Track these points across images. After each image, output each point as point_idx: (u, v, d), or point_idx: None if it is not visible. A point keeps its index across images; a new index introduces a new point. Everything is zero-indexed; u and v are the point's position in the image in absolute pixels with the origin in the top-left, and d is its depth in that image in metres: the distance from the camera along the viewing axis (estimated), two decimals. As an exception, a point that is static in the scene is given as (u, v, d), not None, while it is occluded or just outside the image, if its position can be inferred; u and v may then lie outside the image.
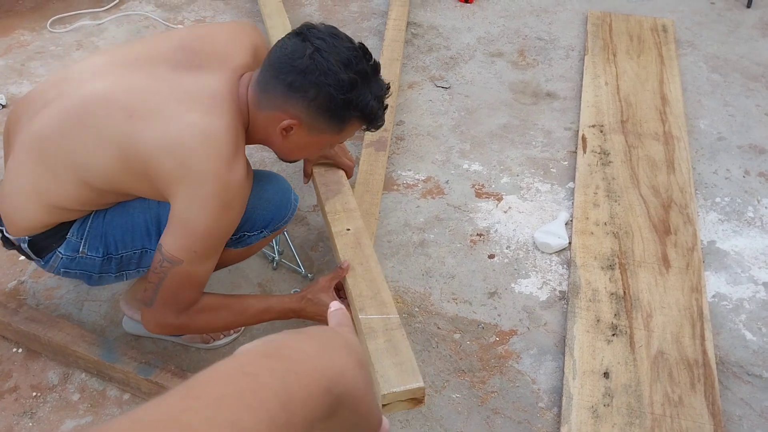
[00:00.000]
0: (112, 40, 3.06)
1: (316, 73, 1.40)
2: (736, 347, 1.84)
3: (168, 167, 1.37)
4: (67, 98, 1.45)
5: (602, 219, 2.17)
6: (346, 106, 1.45)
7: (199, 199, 1.37)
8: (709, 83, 2.89)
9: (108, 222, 1.53)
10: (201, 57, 1.50)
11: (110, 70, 1.49)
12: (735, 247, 2.14)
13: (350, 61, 1.42)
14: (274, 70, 1.43)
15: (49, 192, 1.46)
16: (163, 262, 1.42)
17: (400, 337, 1.47)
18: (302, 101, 1.43)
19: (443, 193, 2.33)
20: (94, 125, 1.40)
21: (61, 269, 1.57)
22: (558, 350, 1.84)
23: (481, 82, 2.88)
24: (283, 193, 1.63)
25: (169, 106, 1.40)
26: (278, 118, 1.46)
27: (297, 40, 1.43)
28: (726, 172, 2.43)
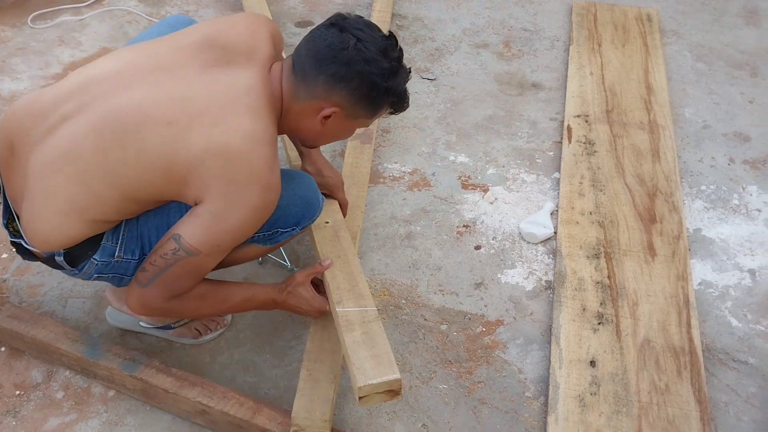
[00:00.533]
0: (94, 36, 3.03)
1: (361, 63, 1.45)
2: (721, 334, 1.85)
3: (212, 171, 1.38)
4: (92, 111, 1.42)
5: (587, 208, 2.17)
6: (386, 93, 1.51)
7: (240, 200, 1.40)
8: (694, 72, 2.89)
9: (143, 224, 1.52)
10: (228, 52, 1.50)
11: (139, 79, 1.46)
12: (720, 235, 2.14)
13: (387, 50, 1.49)
14: (315, 61, 1.47)
15: (89, 208, 1.44)
16: (178, 251, 1.42)
17: (377, 329, 1.47)
18: (346, 90, 1.48)
19: (429, 185, 2.33)
20: (132, 139, 1.39)
21: (95, 275, 1.56)
22: (544, 340, 1.84)
23: (466, 74, 2.87)
24: (313, 191, 1.67)
25: (210, 110, 1.40)
26: (318, 107, 1.51)
27: (335, 31, 1.47)
28: (711, 160, 2.44)
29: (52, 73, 2.79)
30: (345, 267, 1.63)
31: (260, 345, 1.81)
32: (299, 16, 3.21)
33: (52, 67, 2.83)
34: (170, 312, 1.56)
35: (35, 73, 2.79)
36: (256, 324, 1.86)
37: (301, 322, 1.86)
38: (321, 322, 1.68)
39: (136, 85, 1.44)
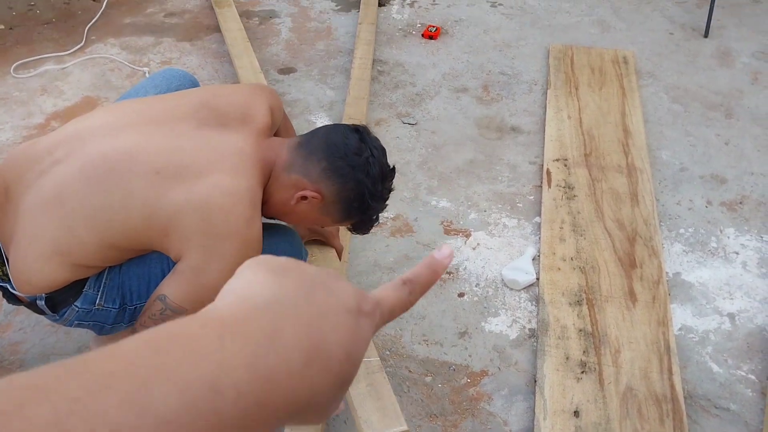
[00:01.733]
0: (77, 84, 3.05)
1: (363, 173, 1.53)
2: (703, 380, 1.87)
3: (191, 224, 1.40)
4: (81, 155, 1.45)
5: (569, 254, 2.20)
6: (365, 210, 1.59)
7: (217, 254, 1.41)
8: (670, 113, 2.95)
9: (124, 273, 1.54)
10: (223, 115, 1.55)
11: (130, 127, 1.49)
12: (700, 279, 2.17)
13: (387, 177, 1.60)
14: (327, 149, 1.53)
15: (71, 252, 1.44)
16: (165, 311, 1.44)
17: (382, 380, 1.49)
18: (336, 186, 1.53)
19: (412, 231, 2.35)
20: (118, 183, 1.41)
21: (75, 321, 1.56)
22: (529, 390, 1.84)
23: (447, 118, 2.91)
24: (295, 246, 1.69)
25: (196, 164, 1.43)
26: (302, 186, 1.53)
27: (357, 137, 1.56)
28: (689, 203, 2.48)
29: (35, 123, 2.80)
30: None
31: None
32: (282, 63, 3.25)
33: (34, 117, 2.83)
34: None
35: (18, 123, 2.80)
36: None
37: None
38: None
39: (127, 134, 1.48)
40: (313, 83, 3.11)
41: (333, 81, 3.13)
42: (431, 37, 3.45)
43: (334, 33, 3.51)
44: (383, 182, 1.58)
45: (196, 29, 3.51)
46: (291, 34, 3.50)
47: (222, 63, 3.20)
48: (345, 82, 3.06)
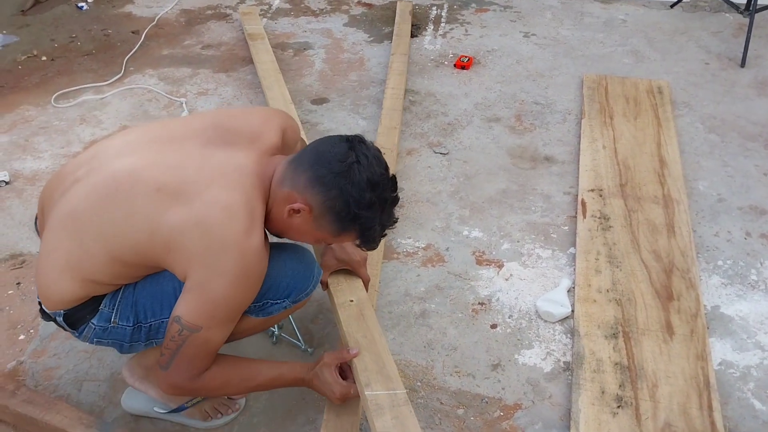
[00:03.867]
0: (115, 114, 3.11)
1: (346, 180, 1.49)
2: (745, 417, 1.80)
3: (191, 241, 1.43)
4: (96, 174, 1.52)
5: (604, 286, 2.16)
6: (353, 219, 1.52)
7: (218, 268, 1.43)
8: (707, 144, 2.91)
9: (138, 291, 1.58)
10: (232, 134, 1.59)
11: (140, 146, 1.56)
12: (739, 312, 2.11)
13: (377, 185, 1.52)
14: (313, 159, 1.52)
15: (81, 267, 1.50)
16: (182, 331, 1.46)
17: (408, 413, 1.46)
18: (321, 196, 1.51)
19: (444, 261, 2.33)
20: (123, 200, 1.47)
21: (94, 339, 1.61)
22: (563, 424, 1.80)
23: (479, 148, 2.90)
24: (306, 264, 1.68)
25: (196, 181, 1.47)
26: (292, 198, 1.53)
27: (345, 146, 1.52)
28: (727, 234, 2.42)
29: (73, 151, 2.86)
30: (372, 347, 1.62)
31: (274, 430, 1.79)
32: (315, 94, 3.28)
33: (73, 146, 2.89)
34: (198, 391, 1.60)
35: (57, 151, 2.86)
36: (270, 408, 1.84)
37: (315, 406, 1.84)
38: (335, 409, 1.66)
39: (136, 153, 1.55)
40: (346, 113, 3.13)
41: (365, 111, 3.15)
42: (463, 67, 3.46)
43: (367, 64, 3.54)
44: (373, 190, 1.50)
45: (231, 61, 3.57)
46: (324, 65, 3.54)
47: (257, 94, 3.24)
48: (377, 112, 3.07)
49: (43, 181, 2.66)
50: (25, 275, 2.25)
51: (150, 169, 1.49)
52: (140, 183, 1.47)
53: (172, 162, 1.51)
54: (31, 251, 2.35)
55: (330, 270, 1.89)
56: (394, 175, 1.59)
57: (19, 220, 2.49)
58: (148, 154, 1.54)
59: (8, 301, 2.17)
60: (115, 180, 1.49)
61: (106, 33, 3.86)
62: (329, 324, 2.08)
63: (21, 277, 2.25)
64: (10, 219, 2.50)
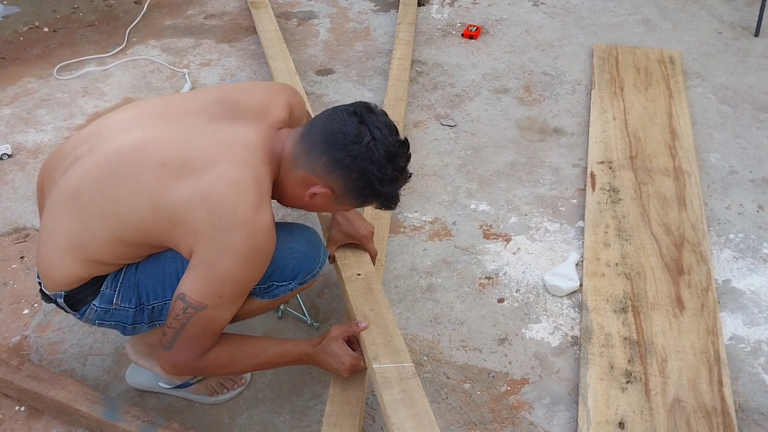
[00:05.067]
0: (118, 86, 3.07)
1: (366, 162, 1.47)
2: (755, 393, 1.78)
3: (198, 217, 1.40)
4: (99, 151, 1.48)
5: (613, 259, 2.13)
6: (378, 195, 1.53)
7: (227, 245, 1.40)
8: (719, 115, 2.85)
9: (140, 272, 1.54)
10: (238, 109, 1.54)
11: (144, 121, 1.52)
12: (751, 286, 2.08)
13: (395, 156, 1.50)
14: (325, 141, 1.48)
15: (84, 247, 1.47)
16: (187, 309, 1.43)
17: (415, 386, 1.45)
18: (342, 179, 1.49)
19: (450, 235, 2.30)
20: (127, 177, 1.43)
21: (96, 321, 1.59)
22: (571, 399, 1.78)
23: (487, 120, 2.86)
24: (313, 245, 1.65)
25: (203, 157, 1.43)
26: (311, 182, 1.51)
27: (355, 120, 1.48)
28: (739, 207, 2.38)
29: (76, 124, 2.82)
30: (379, 321, 1.61)
31: (279, 405, 1.78)
32: (320, 65, 3.23)
33: (75, 118, 2.86)
34: (202, 370, 1.57)
35: (59, 124, 2.83)
36: (276, 383, 1.83)
37: (321, 381, 1.82)
38: (341, 383, 1.64)
39: (140, 128, 1.50)
40: (351, 84, 3.09)
41: (371, 82, 3.10)
42: (471, 37, 3.39)
43: (373, 33, 3.49)
44: (392, 163, 1.50)
45: (235, 31, 3.52)
46: (329, 35, 3.48)
47: (260, 64, 3.19)
48: (383, 84, 3.03)
49: (45, 154, 2.64)
50: (28, 249, 2.24)
51: (155, 144, 1.45)
52: (144, 158, 1.43)
53: (178, 137, 1.47)
54: (35, 225, 2.33)
55: (337, 244, 1.87)
56: (406, 138, 1.56)
57: (22, 194, 2.47)
58: (152, 129, 1.49)
59: (12, 275, 2.16)
60: (118, 157, 1.45)
61: (108, 3, 3.81)
62: (335, 298, 2.06)
63: (25, 251, 2.23)
64: (13, 192, 2.48)
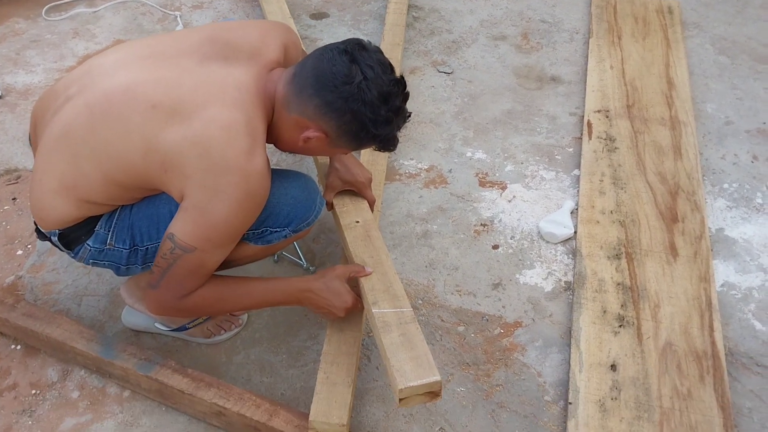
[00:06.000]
0: (108, 28, 3.01)
1: (358, 102, 1.42)
2: (745, 338, 1.81)
3: (189, 160, 1.38)
4: (90, 92, 1.45)
5: (608, 207, 2.14)
6: (373, 138, 1.49)
7: (218, 190, 1.38)
8: (716, 66, 2.84)
9: (135, 214, 1.54)
10: (230, 49, 1.50)
11: (135, 62, 1.49)
12: (743, 235, 2.10)
13: (390, 96, 1.44)
14: (316, 82, 1.44)
15: (76, 187, 1.46)
16: (175, 249, 1.42)
17: (415, 330, 1.45)
18: (335, 121, 1.45)
19: (446, 183, 2.30)
20: (117, 119, 1.41)
21: (90, 260, 1.59)
22: (564, 342, 1.81)
23: (484, 67, 2.83)
24: (309, 193, 1.62)
25: (195, 99, 1.40)
26: (304, 125, 1.48)
27: (346, 59, 1.43)
28: (734, 158, 2.39)
29: (67, 65, 2.77)
30: (378, 267, 1.61)
31: (276, 345, 1.79)
32: (314, 8, 3.17)
33: (66, 60, 2.81)
34: (189, 311, 1.56)
35: (50, 65, 2.78)
36: (272, 324, 1.84)
37: (317, 323, 1.84)
38: (338, 324, 1.66)
39: (130, 69, 1.47)
40: (346, 29, 3.04)
41: (366, 27, 3.05)
42: (469, -16, 3.33)
43: (369, -21, 3.42)
44: (386, 104, 1.44)
45: (227, -27, 3.44)
46: (324, -21, 3.41)
47: (253, 7, 3.13)
48: (379, 28, 2.98)
49: (36, 95, 2.59)
50: (20, 190, 2.22)
51: (145, 85, 1.42)
52: (135, 100, 1.41)
53: (168, 78, 1.44)
54: (26, 166, 2.30)
55: (335, 191, 1.85)
56: (402, 76, 1.50)
57: (12, 135, 2.44)
58: (142, 70, 1.46)
59: (4, 216, 2.14)
60: (108, 98, 1.43)
61: (96, -57, 3.70)
62: (331, 243, 2.07)
63: (17, 193, 2.21)
64: (4, 134, 2.45)
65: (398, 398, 1.35)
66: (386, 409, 1.65)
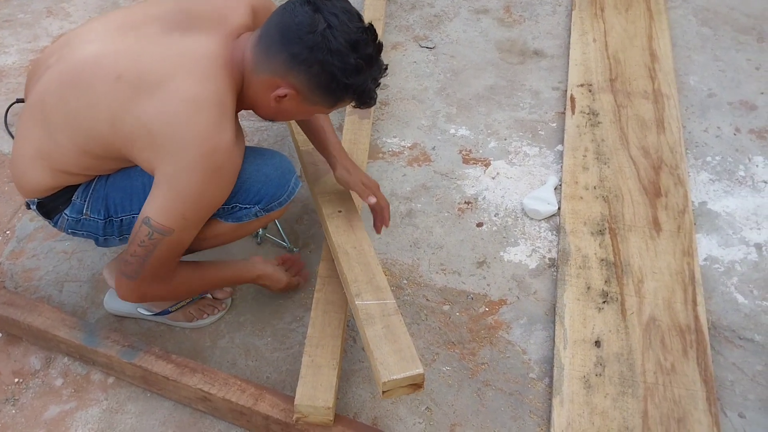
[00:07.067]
0: (83, 6, 2.95)
1: (324, 51, 1.37)
2: (727, 311, 1.83)
3: (155, 135, 1.36)
4: (63, 63, 1.46)
5: (591, 183, 2.13)
6: (346, 88, 1.44)
7: (187, 164, 1.36)
8: (699, 37, 2.82)
9: (109, 185, 1.54)
10: (195, 18, 1.48)
11: (105, 33, 1.48)
12: (726, 208, 2.11)
13: (358, 44, 1.40)
14: (281, 37, 1.40)
15: (51, 157, 1.48)
16: (153, 234, 1.40)
17: (398, 322, 1.45)
18: (304, 74, 1.41)
19: (430, 160, 2.28)
20: (84, 90, 1.41)
21: (69, 230, 1.60)
22: (548, 319, 1.81)
23: (466, 41, 2.80)
24: (284, 172, 1.60)
25: (158, 70, 1.38)
26: (274, 84, 1.44)
27: (308, 9, 1.39)
28: (717, 130, 2.39)
29: (41, 45, 2.72)
30: (361, 258, 1.59)
31: (261, 328, 1.79)
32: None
33: (40, 40, 2.75)
34: (166, 296, 1.57)
35: (24, 46, 2.72)
36: (257, 307, 1.83)
37: (302, 305, 1.83)
38: (322, 306, 1.65)
39: (100, 40, 1.46)
40: (327, 5, 2.99)
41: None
42: (450, -43, 3.28)
43: (348, -48, 3.36)
44: (355, 51, 1.40)
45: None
46: (303, -47, 3.35)
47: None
48: (359, 4, 2.94)
49: (10, 77, 2.54)
50: (-3, 176, 2.18)
51: (110, 56, 1.41)
52: (100, 71, 1.40)
53: (134, 48, 1.42)
54: (2, 149, 2.26)
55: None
56: (371, 24, 1.46)
57: (-13, 119, 2.39)
58: (109, 41, 1.45)
59: (-18, 202, 2.11)
60: (76, 69, 1.43)
61: None
62: (314, 224, 2.05)
63: (-6, 178, 2.18)
64: (-21, 118, 2.40)
65: (382, 390, 1.35)
66: (372, 390, 1.66)
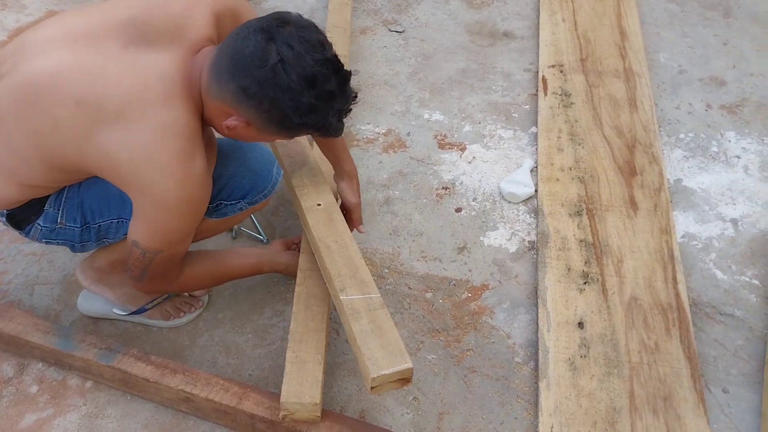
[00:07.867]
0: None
1: (274, 88, 1.25)
2: (707, 288, 1.84)
3: (121, 168, 1.31)
4: (18, 74, 1.35)
5: (567, 164, 2.13)
6: (300, 126, 1.33)
7: (158, 198, 1.33)
8: (667, 14, 2.83)
9: (84, 191, 1.48)
10: (152, 31, 1.36)
11: (62, 43, 1.35)
12: (701, 185, 2.12)
13: (315, 79, 1.26)
14: (232, 66, 1.28)
15: (17, 172, 1.40)
16: (146, 254, 1.41)
17: (384, 316, 1.42)
18: (254, 109, 1.29)
19: (405, 147, 2.25)
20: (44, 110, 1.31)
21: (42, 239, 1.54)
22: (531, 302, 1.81)
23: (435, 24, 2.77)
24: (265, 164, 1.57)
25: (116, 94, 1.28)
26: (227, 112, 1.33)
27: (261, 38, 1.25)
28: (688, 107, 2.40)
29: (-2, 41, 2.63)
30: (343, 252, 1.55)
31: (240, 325, 1.75)
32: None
33: (-4, 35, 2.66)
34: (182, 289, 1.67)
35: (-21, 41, 2.63)
36: (235, 303, 1.80)
37: (282, 299, 1.80)
38: (304, 300, 1.62)
39: (55, 52, 1.34)
40: (293, -9, 2.94)
41: (313, -12, 2.95)
42: (415, -61, 3.24)
43: (312, -64, 3.30)
44: (311, 87, 1.26)
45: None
46: (266, -62, 3.28)
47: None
48: (326, -11, 2.89)
49: (-34, 75, 2.45)
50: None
51: (68, 74, 1.30)
52: (57, 94, 1.29)
53: (91, 68, 1.31)
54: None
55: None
56: (335, 55, 1.31)
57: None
58: (66, 54, 1.33)
59: (-57, 205, 2.03)
60: (32, 86, 1.31)
61: None
62: (290, 216, 2.02)
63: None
64: (-65, 118, 2.31)
65: (370, 386, 1.33)
66: (358, 383, 1.63)
